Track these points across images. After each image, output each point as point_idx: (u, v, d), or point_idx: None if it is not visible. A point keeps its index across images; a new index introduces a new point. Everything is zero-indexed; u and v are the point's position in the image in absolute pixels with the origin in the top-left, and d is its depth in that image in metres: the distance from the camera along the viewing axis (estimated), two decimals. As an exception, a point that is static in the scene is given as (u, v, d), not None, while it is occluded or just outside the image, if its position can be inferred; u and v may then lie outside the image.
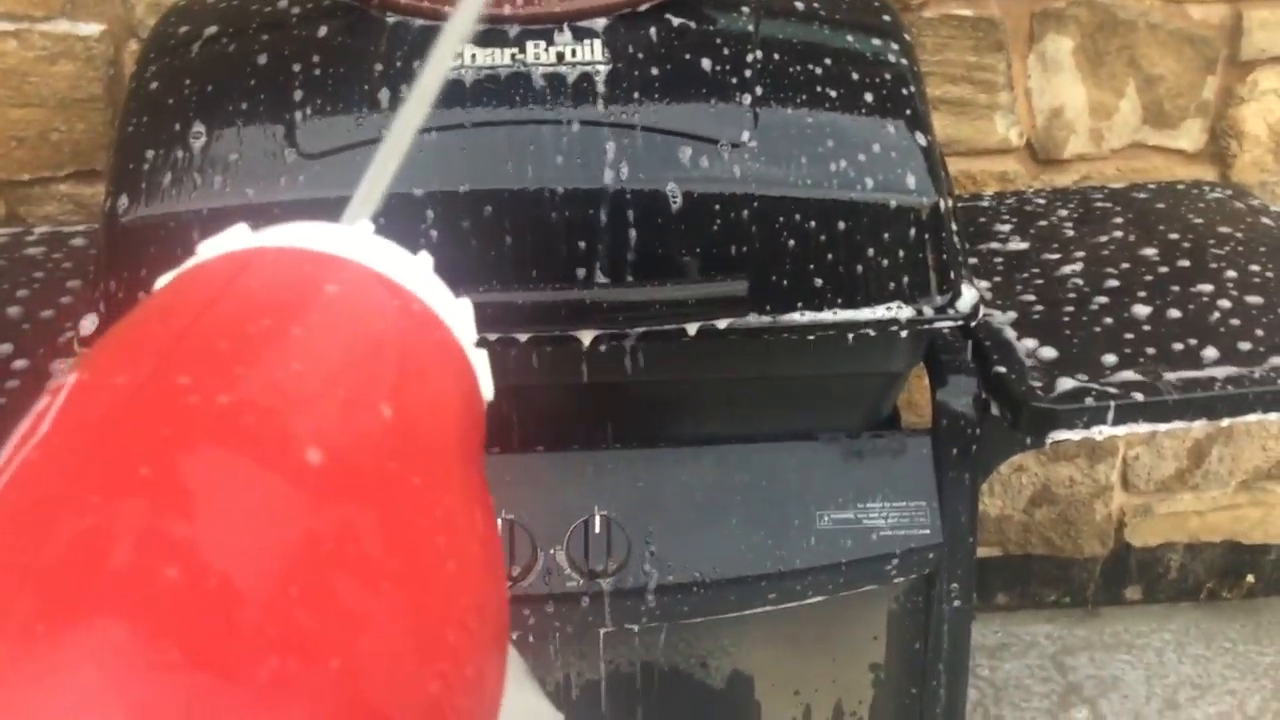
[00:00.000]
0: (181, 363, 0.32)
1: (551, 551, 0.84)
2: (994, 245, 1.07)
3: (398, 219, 0.74)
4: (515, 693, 0.49)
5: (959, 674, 0.94)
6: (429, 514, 0.32)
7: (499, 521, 0.84)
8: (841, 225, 0.78)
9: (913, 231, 0.79)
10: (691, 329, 0.77)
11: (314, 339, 0.34)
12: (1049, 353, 0.89)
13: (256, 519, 0.28)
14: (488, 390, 0.41)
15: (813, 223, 0.78)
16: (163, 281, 0.38)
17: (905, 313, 0.80)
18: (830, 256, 0.78)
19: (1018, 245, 1.07)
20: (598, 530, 0.84)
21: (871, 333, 0.80)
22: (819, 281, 0.79)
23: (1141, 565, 1.80)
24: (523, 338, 0.76)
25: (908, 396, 1.49)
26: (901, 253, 0.79)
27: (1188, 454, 1.70)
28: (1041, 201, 1.17)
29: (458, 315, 0.40)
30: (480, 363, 0.41)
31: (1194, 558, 1.80)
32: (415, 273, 0.39)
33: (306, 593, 0.27)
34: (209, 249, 0.38)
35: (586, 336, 0.76)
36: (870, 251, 0.79)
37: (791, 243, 0.78)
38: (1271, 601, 1.83)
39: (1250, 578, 1.83)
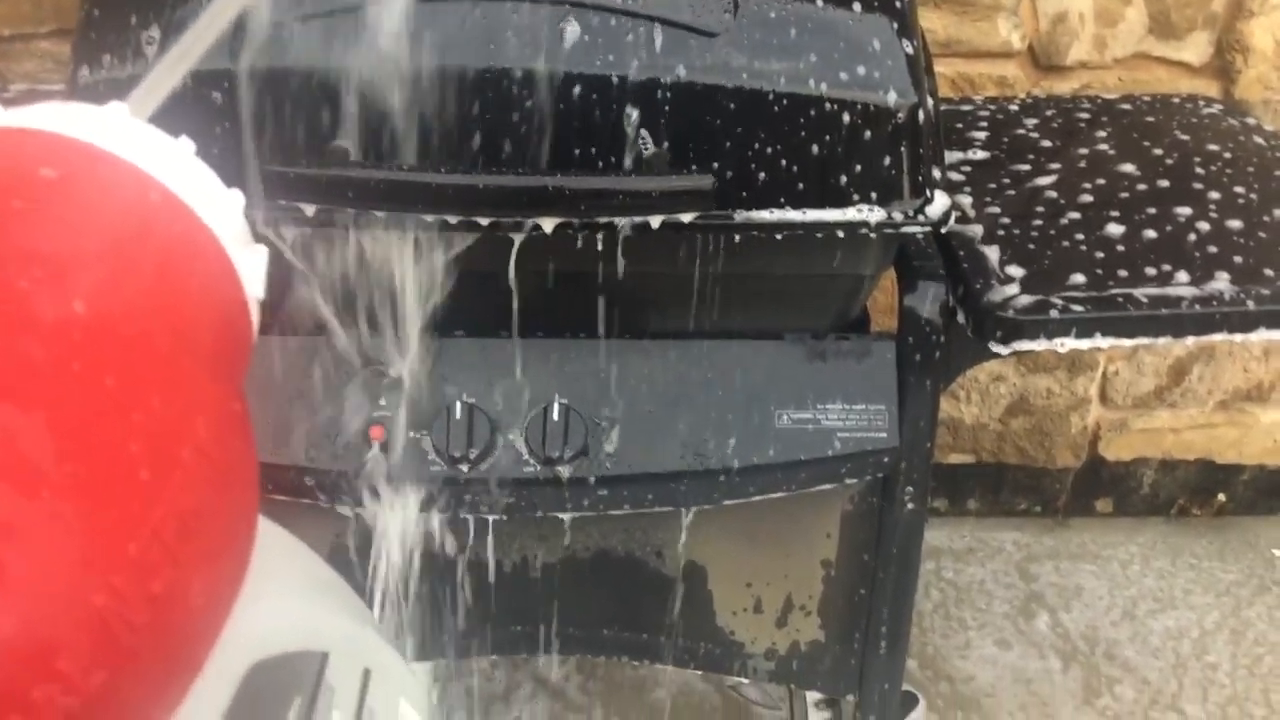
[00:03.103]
0: None
1: (510, 436, 0.85)
2: (969, 154, 1.05)
3: (349, 98, 0.73)
4: (301, 610, 0.48)
5: (909, 575, 0.96)
6: (122, 419, 0.30)
7: (459, 404, 0.85)
8: (815, 123, 0.77)
9: (888, 134, 0.78)
10: (655, 222, 0.76)
11: (2, 227, 0.32)
12: (1017, 267, 0.88)
13: None
14: (256, 288, 0.38)
15: (786, 119, 0.76)
16: None
17: (876, 215, 0.79)
18: (802, 155, 0.77)
19: (994, 153, 1.05)
20: (556, 418, 0.85)
21: (840, 234, 0.80)
22: (789, 179, 0.78)
23: (1114, 479, 1.81)
24: (484, 222, 0.75)
25: (889, 302, 1.49)
26: (876, 155, 0.78)
27: (1168, 371, 1.71)
28: (1020, 109, 1.15)
29: (220, 208, 0.37)
30: (251, 260, 0.38)
31: (1167, 474, 1.82)
32: (168, 160, 0.36)
33: None
34: None
35: (549, 224, 0.75)
36: (844, 152, 0.78)
37: (763, 139, 0.77)
38: (1241, 520, 1.86)
39: (1221, 496, 1.85)
